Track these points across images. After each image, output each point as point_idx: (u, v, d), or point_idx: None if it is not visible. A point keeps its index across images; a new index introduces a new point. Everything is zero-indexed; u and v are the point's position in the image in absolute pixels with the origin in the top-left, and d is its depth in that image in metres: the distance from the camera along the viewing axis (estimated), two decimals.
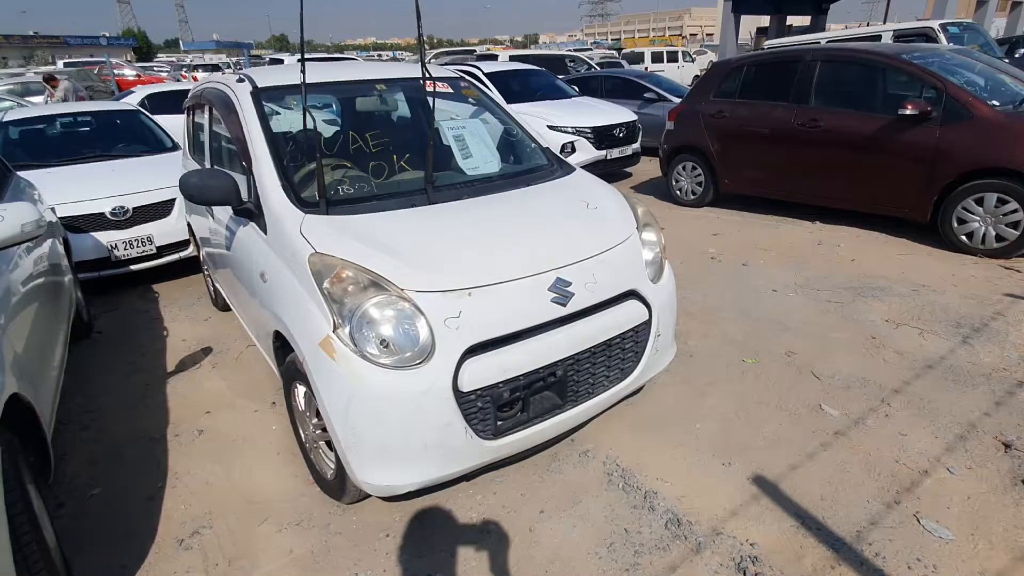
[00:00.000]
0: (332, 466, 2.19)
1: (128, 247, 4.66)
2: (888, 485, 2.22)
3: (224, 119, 2.80)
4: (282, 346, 2.33)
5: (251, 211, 2.42)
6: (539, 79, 9.10)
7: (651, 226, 2.55)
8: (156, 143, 5.96)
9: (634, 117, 8.35)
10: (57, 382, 2.57)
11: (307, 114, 2.25)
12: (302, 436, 2.40)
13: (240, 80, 2.78)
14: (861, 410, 2.70)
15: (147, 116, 6.42)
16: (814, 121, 5.39)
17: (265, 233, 2.31)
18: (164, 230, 4.81)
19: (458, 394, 1.88)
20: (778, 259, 4.76)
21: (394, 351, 1.85)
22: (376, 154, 2.63)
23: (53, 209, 4.04)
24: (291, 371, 2.23)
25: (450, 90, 3.10)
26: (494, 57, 13.37)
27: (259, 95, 2.65)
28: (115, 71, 19.76)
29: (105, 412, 3.04)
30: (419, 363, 1.85)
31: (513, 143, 3.03)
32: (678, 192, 6.81)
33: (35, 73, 17.26)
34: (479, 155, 2.81)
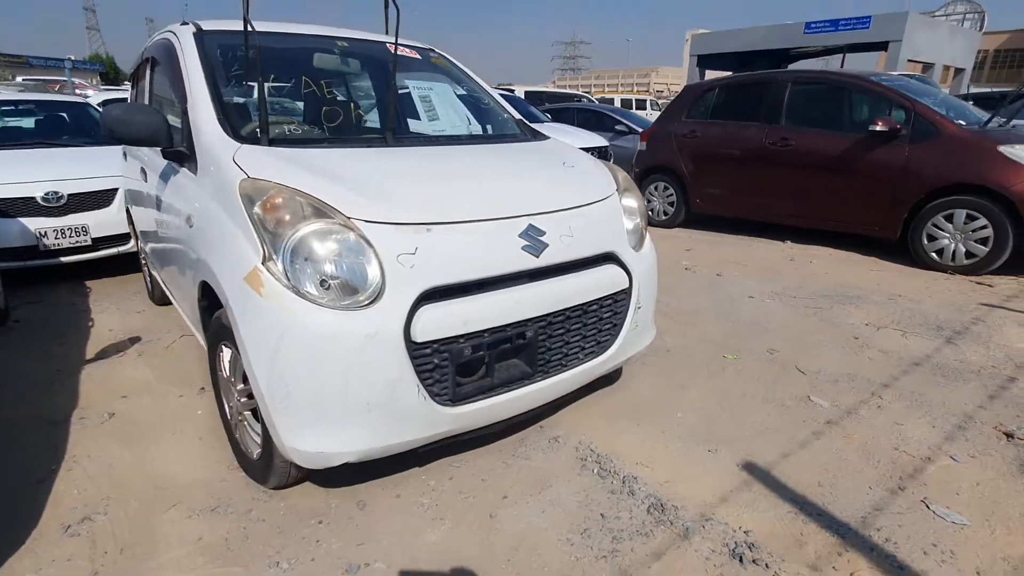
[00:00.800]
0: (258, 441, 1.85)
1: (60, 236, 4.26)
2: (890, 472, 2.00)
3: (165, 66, 2.54)
4: (209, 305, 2.02)
5: (182, 153, 2.13)
6: (515, 104, 9.11)
7: (632, 192, 2.35)
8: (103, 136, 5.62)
9: (605, 143, 8.35)
10: None
11: (249, 50, 2.01)
12: (227, 411, 2.06)
13: (184, 23, 2.53)
14: (852, 402, 2.50)
15: (96, 109, 6.08)
16: (784, 140, 5.42)
17: (195, 173, 2.03)
18: (102, 220, 4.42)
19: (410, 344, 1.60)
20: (752, 272, 4.65)
21: (335, 289, 1.57)
22: (331, 100, 2.39)
23: None
24: (217, 330, 1.91)
25: (418, 57, 2.92)
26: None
27: (202, 36, 2.40)
28: (77, 90, 19.25)
29: (7, 396, 2.62)
30: (365, 304, 1.57)
31: (483, 111, 2.83)
32: (650, 212, 6.74)
33: None
34: (446, 118, 2.61)
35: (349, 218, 1.61)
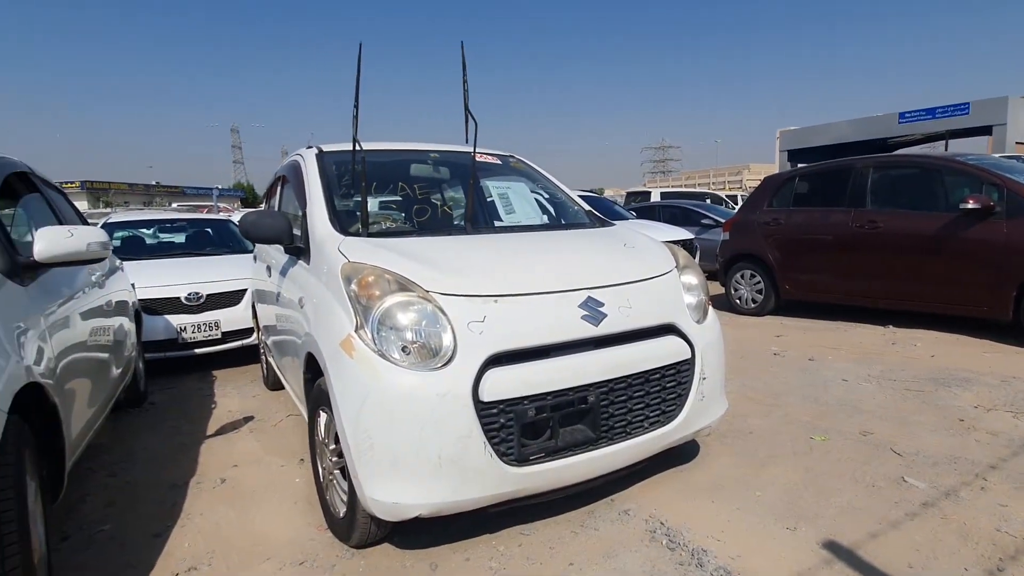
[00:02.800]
0: (344, 499, 2.03)
1: (196, 330, 4.92)
2: (989, 553, 1.81)
3: (292, 181, 3.08)
4: (312, 377, 2.31)
5: (300, 248, 2.55)
6: (598, 204, 9.58)
7: (692, 270, 2.47)
8: (240, 247, 6.51)
9: (690, 236, 8.48)
10: (92, 419, 2.59)
11: (356, 164, 2.44)
12: (320, 474, 2.28)
13: (309, 147, 3.09)
14: (952, 483, 2.29)
15: (234, 224, 7.12)
16: (872, 222, 5.29)
17: (308, 263, 2.41)
18: (231, 317, 5.07)
19: (478, 403, 1.76)
20: (848, 355, 4.42)
21: (415, 355, 1.79)
22: (421, 199, 2.77)
23: (133, 284, 4.39)
24: (316, 396, 2.18)
25: (499, 162, 3.31)
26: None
27: (323, 156, 2.92)
28: (221, 214, 22.43)
29: (136, 464, 3.01)
30: (439, 366, 1.77)
31: (556, 204, 3.12)
32: (737, 301, 6.64)
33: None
34: (521, 211, 2.91)
35: (427, 291, 1.87)
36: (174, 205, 28.02)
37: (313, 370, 2.24)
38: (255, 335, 4.99)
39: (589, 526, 2.13)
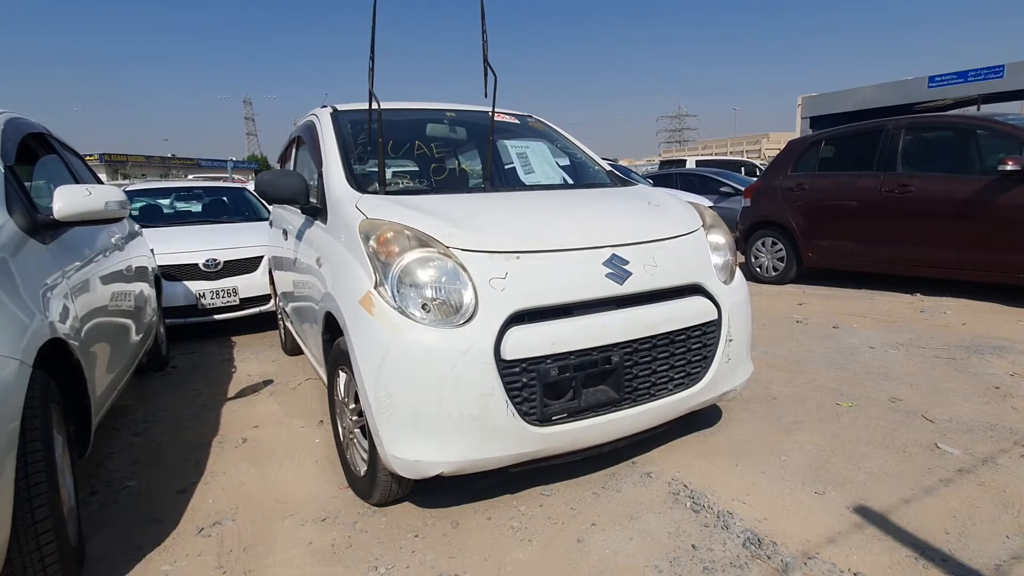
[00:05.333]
0: (365, 458, 2.02)
1: (215, 296, 4.95)
2: None
3: (307, 141, 3.01)
4: (331, 337, 2.28)
5: (316, 208, 2.50)
6: (618, 171, 9.40)
7: (719, 229, 2.38)
8: (255, 214, 6.51)
9: (708, 203, 8.29)
10: (116, 379, 2.61)
11: (372, 120, 2.36)
12: (340, 434, 2.27)
13: (323, 106, 3.02)
14: (990, 451, 2.22)
15: (251, 193, 7.10)
16: (904, 187, 5.10)
17: (325, 223, 2.37)
18: (249, 283, 5.08)
19: (500, 361, 1.72)
20: (874, 323, 4.31)
21: (435, 311, 1.75)
22: (439, 159, 2.70)
23: (152, 250, 4.40)
24: (336, 356, 2.15)
25: (517, 122, 3.21)
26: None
27: (337, 115, 2.85)
28: (236, 185, 22.52)
29: (160, 424, 3.05)
30: (460, 323, 1.73)
31: (576, 165, 3.03)
32: (758, 269, 6.51)
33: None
34: (541, 172, 2.83)
35: (448, 247, 1.81)
36: (190, 177, 28.18)
37: (332, 330, 2.22)
38: (272, 302, 5.00)
39: (611, 488, 2.10)
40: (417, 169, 2.71)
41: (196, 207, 6.87)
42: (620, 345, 1.90)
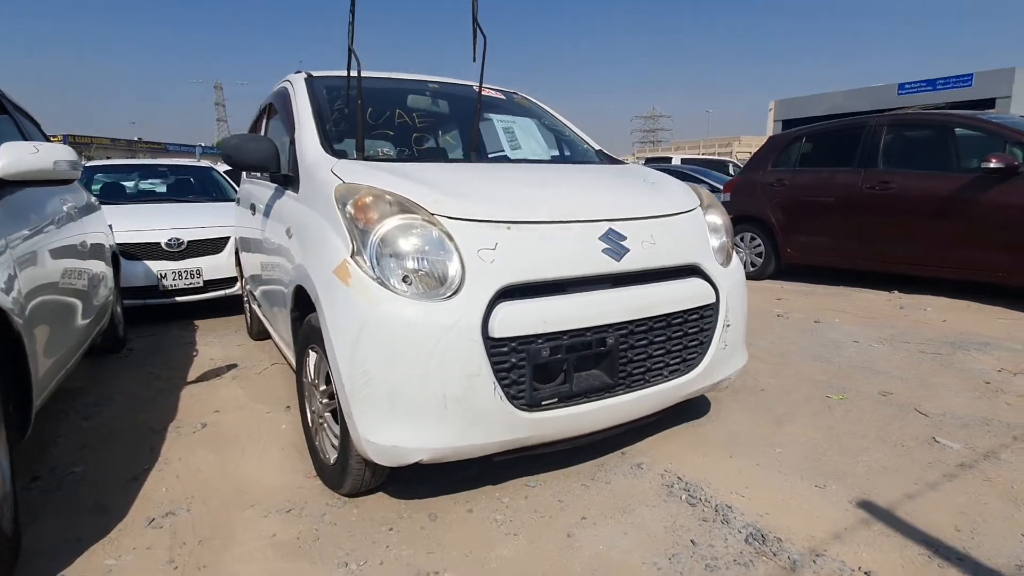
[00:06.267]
0: (336, 444, 1.85)
1: (177, 277, 4.68)
2: None
3: (280, 109, 2.80)
4: (301, 315, 2.09)
5: (287, 176, 2.31)
6: None
7: (716, 209, 2.27)
8: (221, 194, 6.22)
9: None
10: (64, 357, 2.37)
11: (350, 83, 2.18)
12: (308, 419, 2.09)
13: (297, 72, 2.81)
14: (990, 445, 2.16)
15: (218, 172, 6.79)
16: (885, 183, 5.10)
17: (297, 192, 2.17)
18: (214, 265, 4.82)
19: (488, 339, 1.57)
20: (855, 318, 4.28)
21: (417, 283, 1.58)
22: (421, 129, 2.53)
23: (111, 226, 4.11)
24: (307, 332, 1.96)
25: (503, 98, 3.05)
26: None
27: (312, 80, 2.65)
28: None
29: (112, 408, 2.81)
30: (445, 296, 1.57)
31: (565, 141, 2.88)
32: None
33: None
34: (528, 147, 2.68)
35: (432, 214, 1.65)
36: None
37: (302, 306, 2.03)
38: (238, 284, 4.76)
39: (600, 479, 1.97)
40: (398, 141, 2.52)
41: (161, 186, 6.54)
42: (615, 326, 1.77)
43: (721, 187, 9.64)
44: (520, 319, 1.61)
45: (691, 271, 2.02)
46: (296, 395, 2.43)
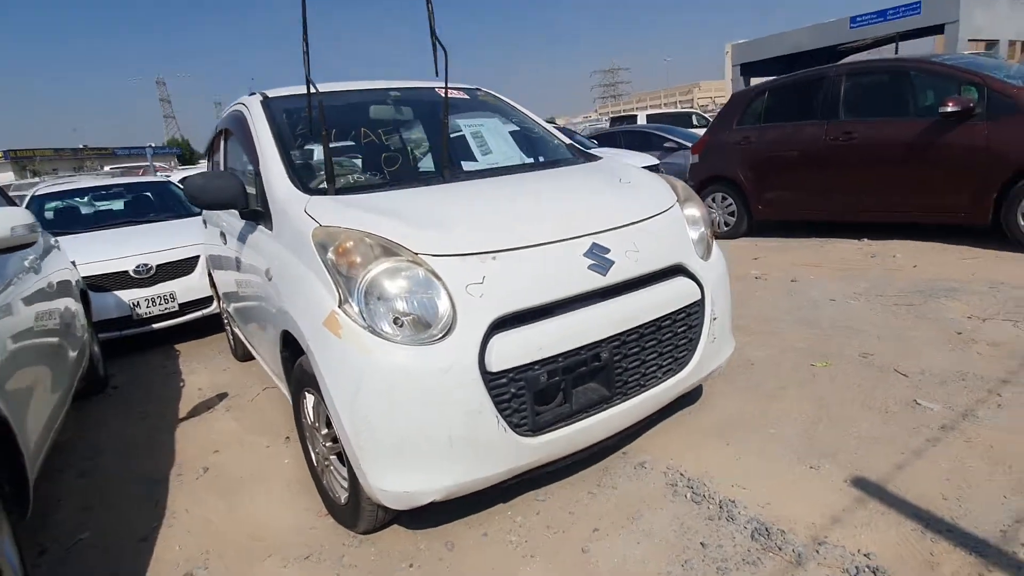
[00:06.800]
0: (345, 486, 1.86)
1: (151, 304, 4.57)
2: None
3: (237, 134, 2.71)
4: (291, 355, 2.08)
5: (258, 212, 2.25)
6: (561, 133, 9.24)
7: (693, 201, 2.29)
8: (184, 210, 6.00)
9: (655, 161, 8.26)
10: (51, 420, 2.32)
11: (312, 109, 2.13)
12: (313, 459, 2.10)
13: (252, 93, 2.71)
14: (967, 403, 2.27)
15: (176, 187, 6.57)
16: (847, 134, 5.17)
17: (271, 229, 2.13)
18: (187, 287, 4.71)
19: (486, 375, 1.58)
20: (830, 273, 4.39)
21: (409, 327, 1.58)
22: (389, 147, 2.48)
23: (74, 262, 3.98)
24: (299, 377, 1.96)
25: (467, 97, 2.99)
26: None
27: (268, 102, 2.56)
28: (158, 172, 21.03)
29: (107, 458, 2.78)
30: (439, 337, 1.57)
31: (534, 140, 2.86)
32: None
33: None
34: (499, 151, 2.64)
35: (416, 253, 1.63)
36: (106, 168, 26.16)
37: (291, 348, 2.01)
38: (215, 304, 4.66)
39: (606, 485, 2.03)
40: (366, 161, 2.47)
41: (118, 206, 6.29)
42: (608, 340, 1.80)
43: (689, 145, 9.68)
44: (515, 349, 1.62)
45: (675, 271, 2.04)
46: (295, 426, 2.44)
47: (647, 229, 1.99)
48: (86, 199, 6.14)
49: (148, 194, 6.49)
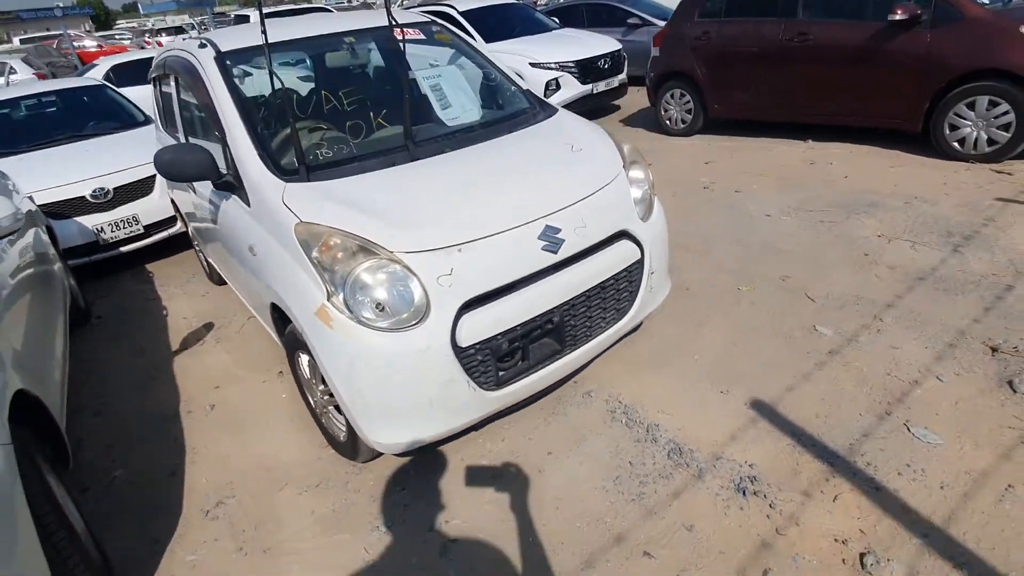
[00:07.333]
0: (343, 429, 2.25)
1: (115, 228, 4.58)
2: (880, 398, 2.29)
3: (192, 88, 2.72)
4: (280, 317, 2.34)
5: (231, 183, 2.38)
6: (518, 13, 8.75)
7: (638, 163, 2.51)
8: (127, 118, 5.75)
9: (618, 46, 8.04)
10: (63, 372, 2.59)
11: (274, 77, 2.18)
12: (311, 402, 2.46)
13: (202, 45, 2.67)
14: (854, 328, 2.75)
15: (114, 90, 6.20)
16: (803, 35, 5.21)
17: (248, 205, 2.29)
18: (149, 208, 4.70)
19: (457, 350, 1.91)
20: (771, 183, 4.72)
21: (390, 313, 1.87)
22: (352, 112, 2.56)
23: (31, 198, 3.96)
24: (292, 341, 2.26)
25: (422, 36, 2.99)
26: None
27: (223, 59, 2.56)
28: (75, 43, 18.99)
29: (116, 395, 3.09)
30: (416, 323, 1.87)
31: (493, 88, 2.94)
32: (668, 122, 6.66)
33: None
34: (458, 104, 2.74)
35: (392, 252, 1.88)
36: (16, 41, 23.25)
37: (280, 311, 2.27)
38: (179, 223, 4.70)
39: (559, 412, 2.48)
40: (331, 126, 2.55)
41: (53, 116, 5.93)
42: (560, 306, 2.12)
43: (655, 21, 9.32)
44: (481, 326, 1.94)
45: (619, 235, 2.33)
46: (281, 359, 2.75)
47: (594, 202, 2.24)
48: (18, 111, 5.77)
49: (84, 98, 6.12)
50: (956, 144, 4.62)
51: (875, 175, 4.57)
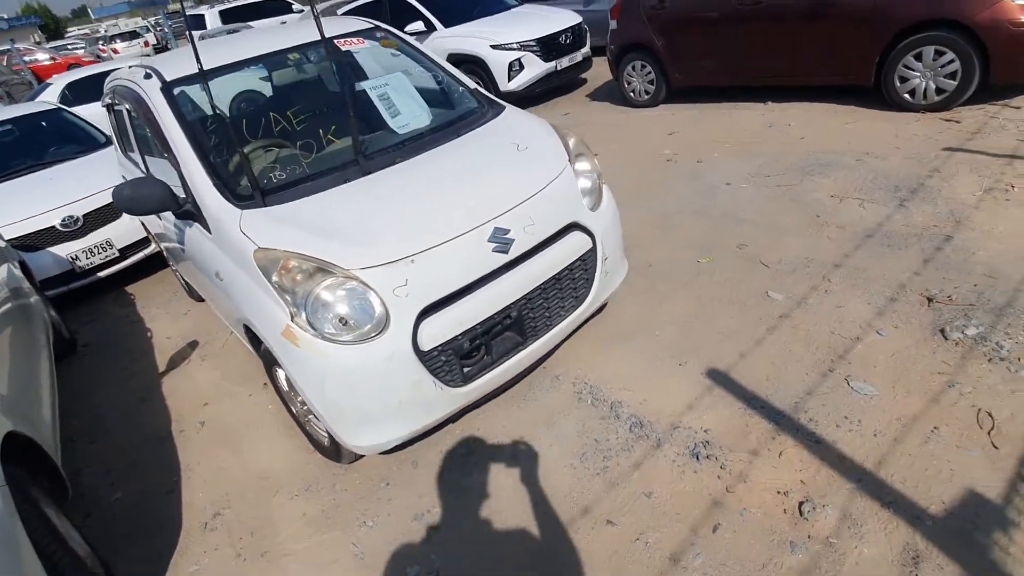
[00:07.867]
0: (326, 434, 2.38)
1: (90, 255, 4.62)
2: (824, 356, 2.45)
3: (142, 117, 2.77)
4: (256, 337, 2.45)
5: (191, 212, 2.47)
6: None
7: (584, 155, 2.61)
8: (88, 141, 5.70)
9: (579, 19, 8.01)
10: (52, 406, 2.69)
11: (216, 110, 2.26)
12: (294, 411, 2.59)
13: (147, 76, 2.72)
14: (804, 291, 2.89)
15: (70, 113, 6.15)
16: None
17: (210, 232, 2.38)
18: (121, 231, 4.71)
19: (420, 354, 2.04)
20: (731, 151, 4.82)
21: (353, 327, 1.98)
22: (302, 131, 2.64)
23: None
24: (268, 357, 2.37)
25: (366, 44, 3.05)
26: None
27: (170, 89, 2.62)
28: (26, 58, 18.47)
29: (109, 421, 3.20)
30: (377, 334, 1.99)
31: (441, 90, 3.01)
32: (631, 94, 6.71)
33: None
34: (407, 111, 2.81)
35: (348, 269, 1.98)
36: None
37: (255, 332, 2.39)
38: (153, 244, 4.74)
39: (530, 398, 2.62)
40: (283, 154, 2.61)
41: (11, 145, 5.85)
42: (516, 301, 2.24)
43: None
44: (440, 329, 2.07)
45: (569, 227, 2.44)
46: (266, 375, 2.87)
47: (542, 200, 2.34)
48: None
49: (42, 124, 6.07)
50: (907, 95, 4.72)
51: (831, 134, 4.67)
